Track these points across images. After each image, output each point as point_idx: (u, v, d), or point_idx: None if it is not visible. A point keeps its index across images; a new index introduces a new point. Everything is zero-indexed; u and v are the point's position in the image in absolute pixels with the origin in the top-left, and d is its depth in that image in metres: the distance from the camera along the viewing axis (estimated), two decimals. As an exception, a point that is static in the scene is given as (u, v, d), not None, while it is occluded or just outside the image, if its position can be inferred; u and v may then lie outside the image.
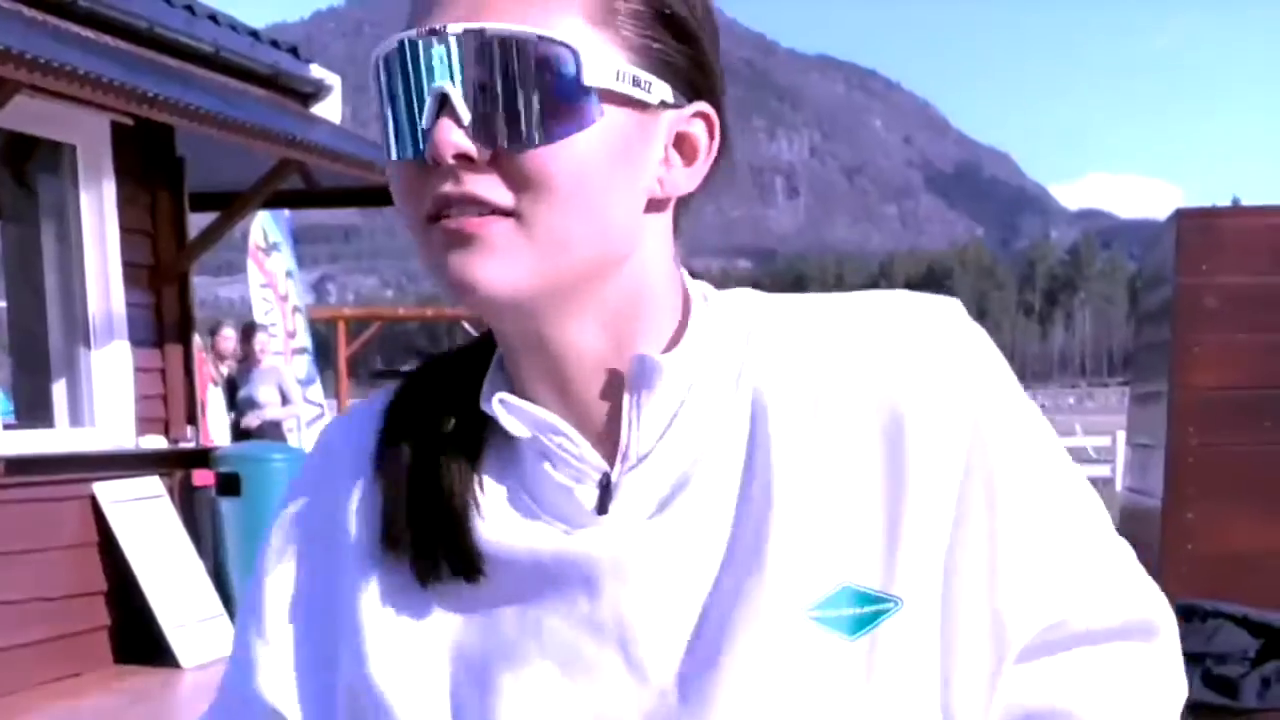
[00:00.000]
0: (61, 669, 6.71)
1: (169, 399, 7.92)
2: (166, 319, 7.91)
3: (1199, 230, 3.41)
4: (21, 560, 6.53)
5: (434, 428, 0.95)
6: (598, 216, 0.87)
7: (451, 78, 0.84)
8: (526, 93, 0.83)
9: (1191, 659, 3.23)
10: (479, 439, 0.95)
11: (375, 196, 9.20)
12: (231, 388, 10.55)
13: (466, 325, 18.77)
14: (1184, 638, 3.24)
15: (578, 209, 0.85)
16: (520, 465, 0.94)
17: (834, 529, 0.88)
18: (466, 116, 0.84)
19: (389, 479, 0.95)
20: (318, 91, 8.80)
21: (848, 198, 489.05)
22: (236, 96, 7.78)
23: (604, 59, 0.85)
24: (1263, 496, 3.47)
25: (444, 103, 0.84)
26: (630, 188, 0.89)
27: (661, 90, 0.88)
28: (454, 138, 0.84)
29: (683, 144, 0.91)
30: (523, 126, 0.84)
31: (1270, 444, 3.47)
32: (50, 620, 6.68)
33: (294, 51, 8.76)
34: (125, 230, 7.46)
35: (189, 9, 7.79)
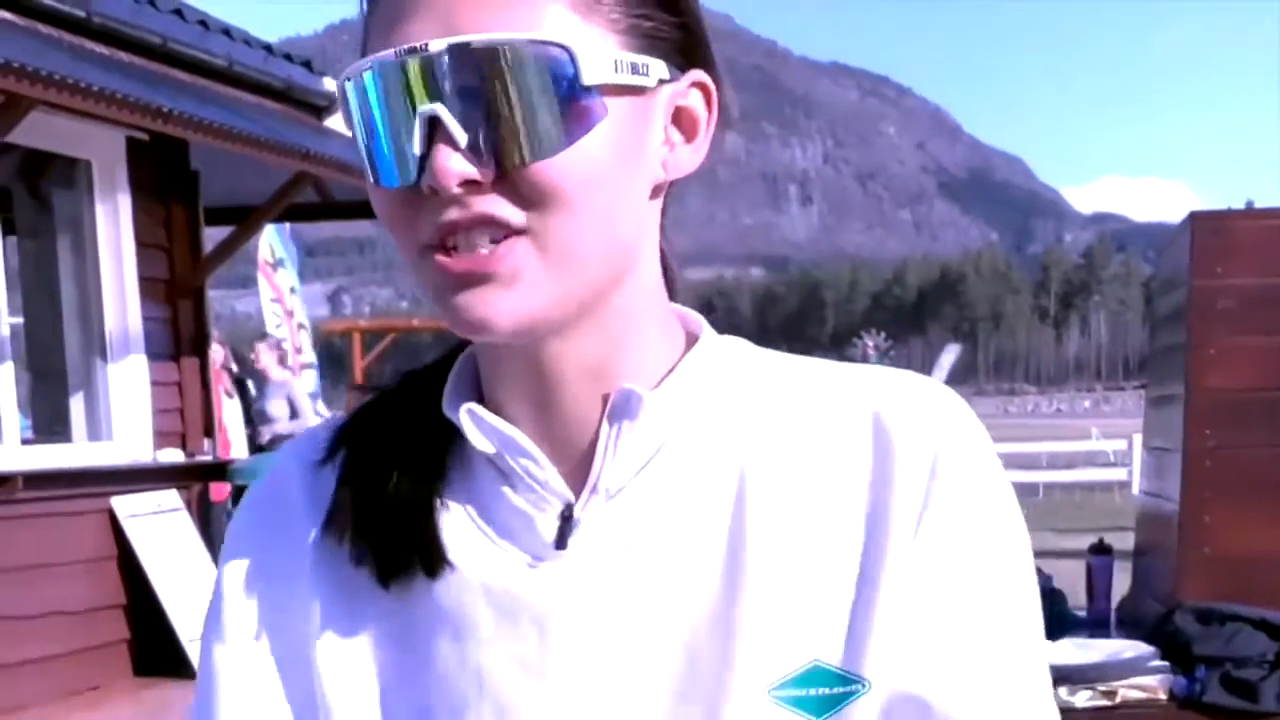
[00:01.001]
0: (81, 682, 6.74)
1: (186, 412, 7.95)
2: (183, 333, 7.94)
3: (1213, 233, 3.41)
4: (40, 574, 6.56)
5: (392, 436, 0.90)
6: (612, 220, 0.82)
7: (440, 98, 0.78)
8: (524, 103, 0.77)
9: (1210, 662, 3.21)
10: (442, 452, 0.90)
11: (389, 208, 9.23)
12: (248, 401, 10.60)
13: (481, 336, 18.84)
14: (1202, 641, 3.20)
15: (593, 216, 0.80)
16: (478, 486, 0.89)
17: (809, 603, 0.83)
18: (463, 139, 0.78)
19: (340, 478, 0.90)
20: (331, 104, 8.83)
21: (861, 204, 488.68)
22: (251, 110, 7.81)
23: (598, 51, 0.79)
24: (1280, 499, 3.46)
25: (435, 126, 0.78)
26: (638, 179, 0.83)
27: (658, 69, 0.82)
28: (455, 165, 0.78)
29: (681, 118, 0.85)
30: (524, 140, 0.78)
31: (1287, 446, 3.45)
32: (69, 634, 6.70)
33: (307, 65, 8.79)
34: (141, 245, 7.49)
35: (202, 24, 7.83)
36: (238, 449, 9.98)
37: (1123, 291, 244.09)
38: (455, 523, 0.87)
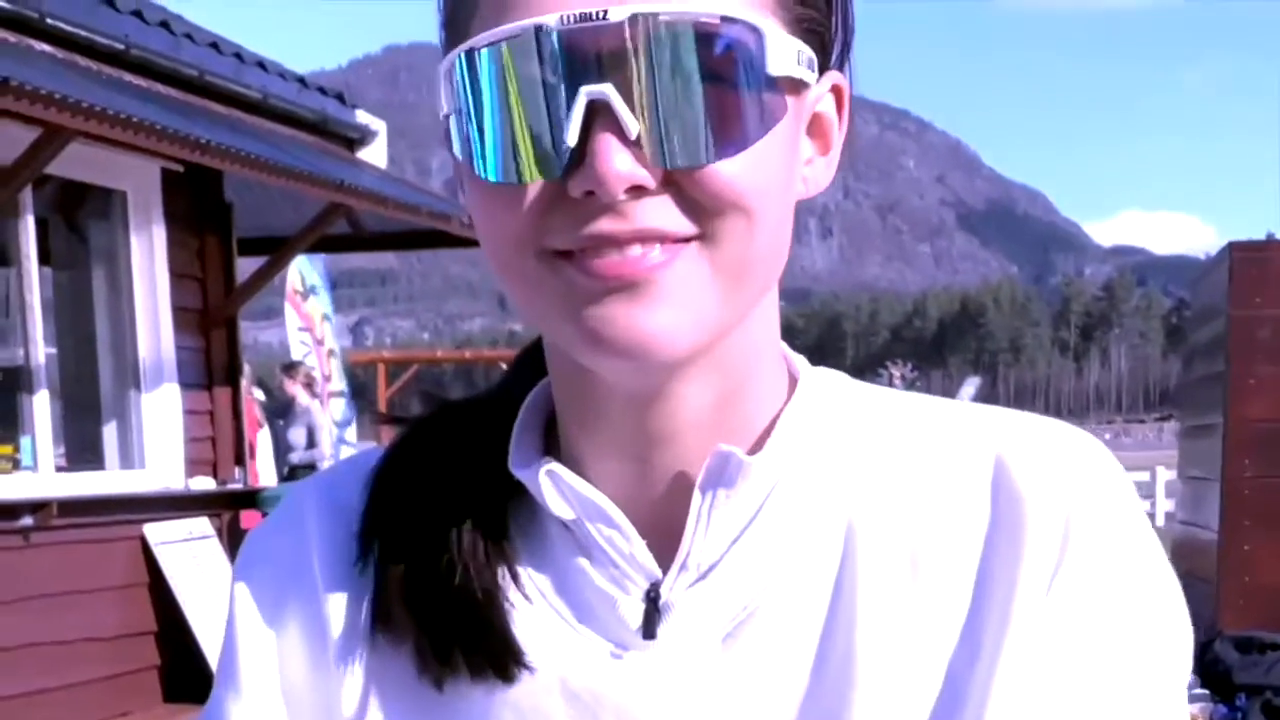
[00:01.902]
0: (112, 708, 6.76)
1: (217, 441, 8.00)
2: (215, 362, 8.00)
3: (1251, 263, 3.42)
4: (73, 601, 6.60)
5: (445, 492, 0.77)
6: (778, 236, 0.71)
7: (610, 79, 0.64)
8: (709, 92, 0.65)
9: (1251, 691, 3.21)
10: (502, 510, 0.77)
11: (420, 240, 9.32)
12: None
13: (505, 367, 19.03)
14: (1242, 669, 3.21)
15: (765, 230, 0.69)
16: (552, 557, 0.76)
17: (921, 680, 0.72)
18: (634, 130, 0.64)
19: (383, 549, 0.77)
20: (363, 137, 8.93)
21: (881, 237, 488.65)
22: (285, 142, 7.89)
23: (783, 39, 0.68)
24: (1319, 528, 3.46)
25: (597, 113, 0.64)
26: (792, 192, 0.72)
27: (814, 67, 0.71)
28: (622, 166, 0.64)
29: (814, 126, 0.75)
30: (706, 136, 0.65)
31: (1325, 476, 3.46)
32: (101, 660, 6.74)
33: (340, 97, 8.88)
34: (175, 275, 7.56)
35: (237, 57, 7.92)
36: (268, 477, 10.03)
37: (1143, 324, 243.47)
38: (526, 604, 0.76)
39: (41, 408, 6.74)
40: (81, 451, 7.55)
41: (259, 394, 11.74)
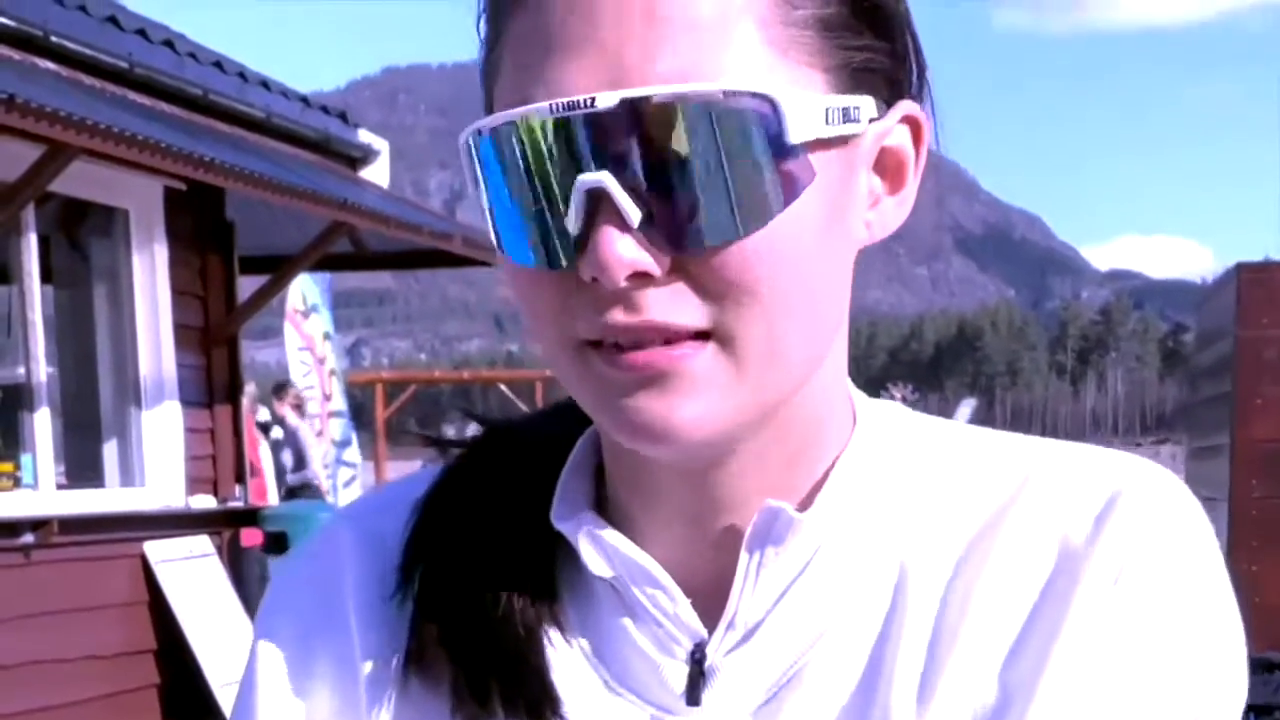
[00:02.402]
0: (112, 728, 6.75)
1: (218, 459, 7.99)
2: (216, 380, 8.00)
3: (1258, 284, 3.43)
4: (73, 619, 6.59)
5: (492, 531, 0.75)
6: (816, 307, 0.66)
7: (607, 165, 0.62)
8: (715, 173, 0.62)
9: (1260, 711, 3.22)
10: (549, 558, 0.75)
11: (421, 259, 9.34)
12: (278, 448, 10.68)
13: (504, 388, 19.02)
14: (1251, 690, 3.22)
15: (795, 308, 0.65)
16: (596, 615, 0.74)
17: None
18: (635, 217, 0.62)
19: (423, 584, 0.75)
20: (366, 156, 8.95)
21: (879, 260, 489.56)
22: (288, 161, 7.91)
23: (806, 101, 0.63)
24: (1326, 549, 3.46)
25: (599, 200, 0.62)
26: (841, 250, 0.68)
27: (867, 110, 0.66)
28: (624, 252, 0.62)
29: (885, 162, 0.69)
30: (713, 219, 0.62)
31: (1332, 496, 3.46)
32: (101, 678, 6.72)
33: (343, 117, 8.91)
34: (176, 293, 7.57)
35: (241, 76, 7.94)
36: (271, 495, 10.03)
37: (1140, 348, 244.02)
38: (566, 661, 0.73)
39: (42, 425, 6.74)
40: (82, 469, 7.54)
41: (265, 413, 11.71)
